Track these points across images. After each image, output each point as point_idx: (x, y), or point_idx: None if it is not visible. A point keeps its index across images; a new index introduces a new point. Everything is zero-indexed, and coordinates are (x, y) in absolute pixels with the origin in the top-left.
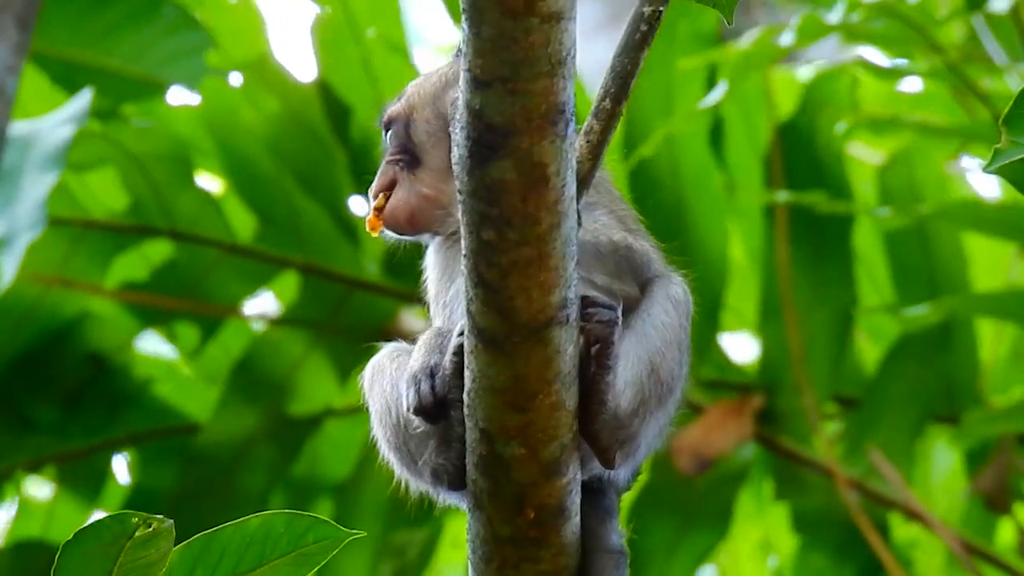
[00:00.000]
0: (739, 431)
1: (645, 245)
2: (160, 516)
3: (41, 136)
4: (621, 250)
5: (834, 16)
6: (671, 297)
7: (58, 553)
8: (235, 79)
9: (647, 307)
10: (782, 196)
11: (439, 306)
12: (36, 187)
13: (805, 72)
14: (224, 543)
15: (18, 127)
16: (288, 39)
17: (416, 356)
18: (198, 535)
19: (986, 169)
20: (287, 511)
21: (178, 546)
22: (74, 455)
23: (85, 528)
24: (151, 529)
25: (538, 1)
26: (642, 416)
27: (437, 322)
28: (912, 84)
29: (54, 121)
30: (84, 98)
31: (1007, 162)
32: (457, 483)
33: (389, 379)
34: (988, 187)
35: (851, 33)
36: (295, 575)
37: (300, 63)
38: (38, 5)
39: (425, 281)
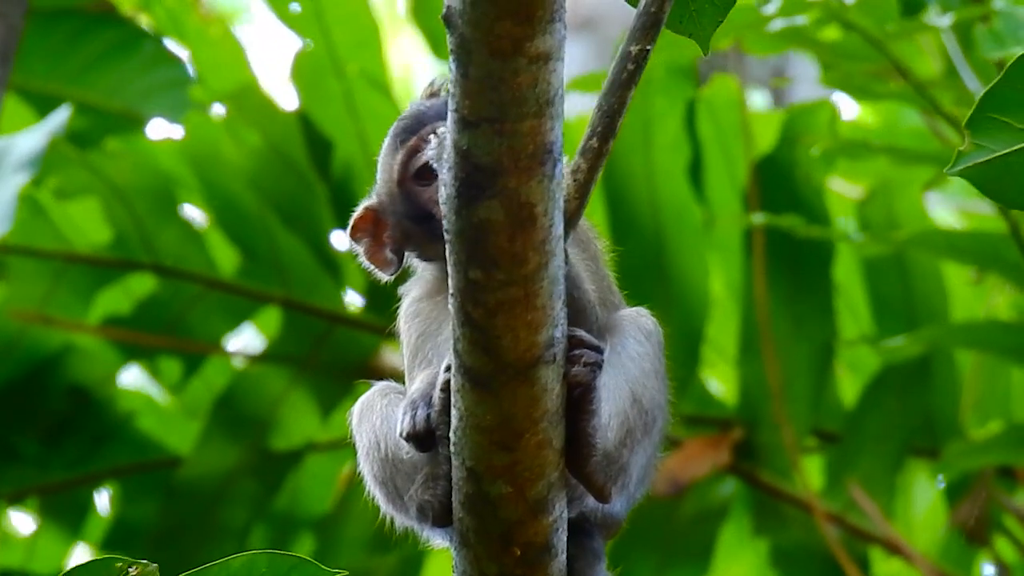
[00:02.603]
0: (716, 459)
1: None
2: (145, 561)
3: (15, 146)
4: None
5: (771, 7)
6: (642, 329)
7: None
8: (217, 112)
9: (619, 340)
10: (758, 218)
11: (422, 358)
12: (6, 187)
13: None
14: None
15: None
16: (269, 73)
17: (416, 385)
18: (182, 575)
19: (949, 171)
20: (269, 551)
21: None
22: (56, 487)
23: (70, 572)
24: (134, 572)
25: (526, 42)
26: (630, 447)
27: (416, 373)
28: (882, 109)
29: (30, 133)
30: (62, 113)
31: (970, 164)
32: (442, 520)
33: (379, 414)
34: (956, 221)
35: (801, 39)
36: None
37: (282, 97)
38: (17, 40)
39: (401, 333)
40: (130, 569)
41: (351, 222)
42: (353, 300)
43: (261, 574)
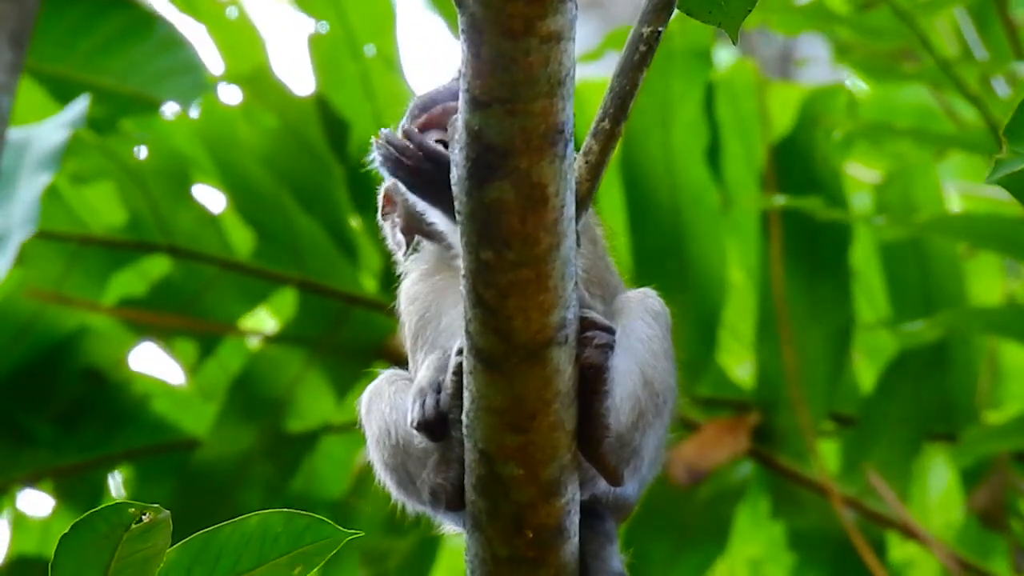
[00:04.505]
0: (734, 445)
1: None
2: (157, 505)
3: (37, 140)
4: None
5: None
6: (650, 310)
7: (56, 547)
8: (233, 95)
9: (628, 322)
10: (779, 200)
11: (423, 342)
12: (30, 187)
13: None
14: (222, 542)
15: (15, 133)
16: (286, 54)
17: (423, 373)
18: (196, 534)
19: (989, 180)
20: (286, 510)
21: (176, 545)
22: (71, 470)
23: (81, 520)
24: (148, 520)
25: (537, 22)
26: (642, 429)
27: (419, 357)
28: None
29: (51, 126)
30: (81, 104)
31: (1009, 173)
32: (456, 503)
33: (388, 402)
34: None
35: (825, 16)
36: None
37: (298, 79)
38: (32, 24)
39: (401, 315)
40: (143, 516)
41: (380, 202)
42: (368, 282)
43: (277, 534)
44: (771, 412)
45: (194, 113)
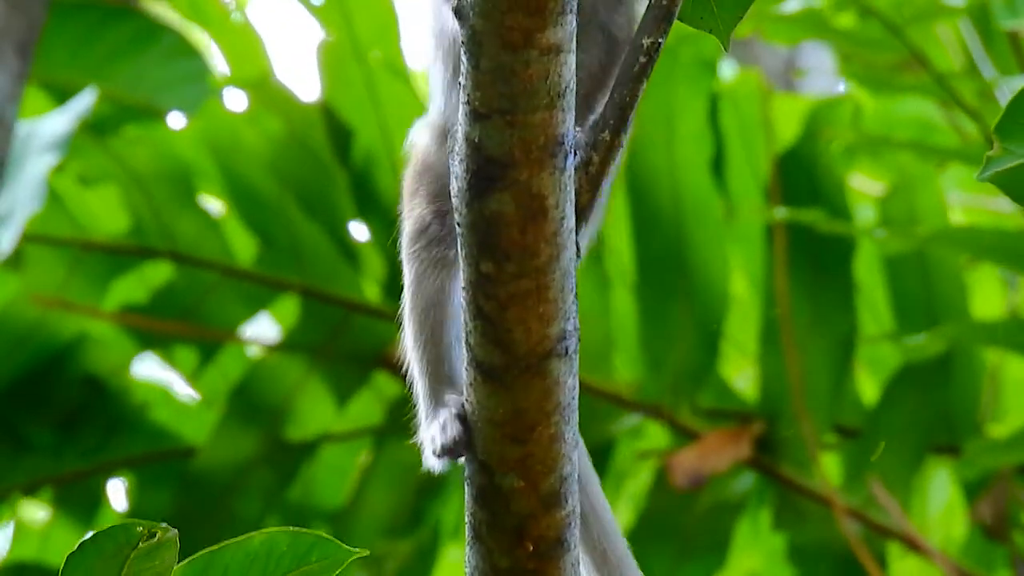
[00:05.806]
0: (736, 453)
1: None
2: (164, 524)
3: (43, 128)
4: None
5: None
6: None
7: (62, 567)
8: (238, 100)
9: None
10: (781, 212)
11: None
12: (35, 167)
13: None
14: (227, 560)
15: (21, 127)
16: (290, 61)
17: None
18: (201, 552)
19: (979, 177)
20: (290, 528)
21: (181, 563)
22: (70, 478)
23: (88, 539)
24: (155, 539)
25: (536, 34)
26: None
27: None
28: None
29: (57, 116)
30: (88, 97)
31: (1000, 170)
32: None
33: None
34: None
35: (819, 26)
36: None
37: (302, 85)
38: (38, 33)
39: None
40: (151, 536)
41: None
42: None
43: (281, 553)
44: (774, 423)
45: (199, 118)
